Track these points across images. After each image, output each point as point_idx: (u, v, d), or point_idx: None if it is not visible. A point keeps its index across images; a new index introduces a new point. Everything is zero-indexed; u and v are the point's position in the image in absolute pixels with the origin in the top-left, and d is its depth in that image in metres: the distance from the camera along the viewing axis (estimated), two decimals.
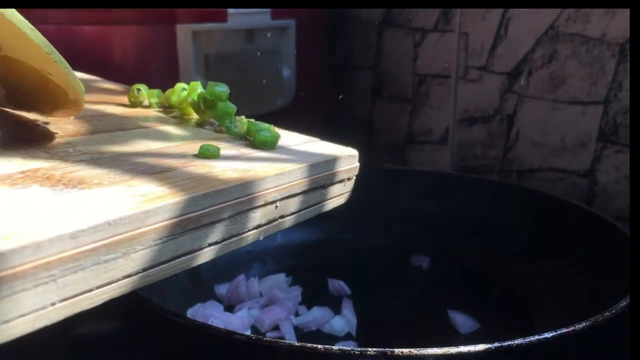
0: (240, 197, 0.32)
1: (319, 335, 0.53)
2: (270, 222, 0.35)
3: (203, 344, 0.36)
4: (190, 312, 0.53)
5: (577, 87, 0.70)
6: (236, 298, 0.57)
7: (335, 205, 0.41)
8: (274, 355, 0.34)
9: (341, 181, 0.41)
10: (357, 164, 0.42)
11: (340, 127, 0.94)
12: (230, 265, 0.61)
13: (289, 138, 0.43)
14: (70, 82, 0.32)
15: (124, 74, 0.63)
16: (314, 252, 0.66)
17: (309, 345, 0.33)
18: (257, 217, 0.34)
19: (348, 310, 0.55)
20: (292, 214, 0.37)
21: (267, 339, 0.35)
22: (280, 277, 0.60)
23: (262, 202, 0.34)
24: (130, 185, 0.29)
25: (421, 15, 0.82)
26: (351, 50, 0.92)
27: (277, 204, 0.35)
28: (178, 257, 0.29)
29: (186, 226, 0.29)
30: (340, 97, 0.92)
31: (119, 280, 0.26)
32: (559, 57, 0.71)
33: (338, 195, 0.41)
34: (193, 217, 0.29)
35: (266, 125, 0.42)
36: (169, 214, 0.28)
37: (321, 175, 0.38)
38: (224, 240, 0.32)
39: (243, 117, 0.44)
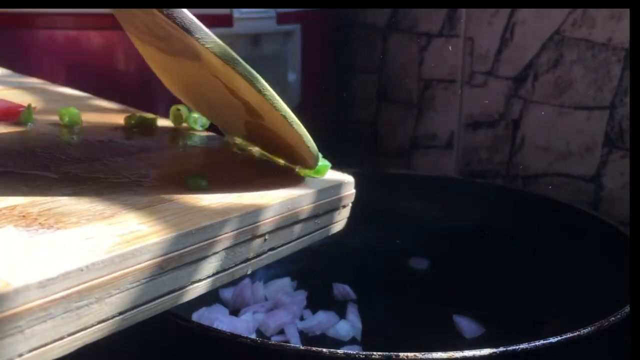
0: (225, 232, 0.30)
1: (324, 339, 0.53)
2: (258, 255, 0.33)
3: (208, 348, 0.36)
4: (196, 316, 0.53)
5: (583, 92, 0.70)
6: (241, 302, 0.57)
7: (330, 234, 0.40)
8: (279, 359, 0.34)
9: (336, 209, 0.39)
10: (353, 191, 0.40)
11: (346, 131, 0.95)
12: None
13: (279, 162, 0.42)
14: (311, 156, 0.36)
15: (128, 79, 0.63)
16: (318, 256, 0.66)
17: (314, 349, 0.33)
18: (245, 251, 0.32)
19: (353, 314, 0.55)
20: (283, 245, 0.35)
21: (273, 342, 0.35)
22: (286, 281, 0.60)
23: (250, 236, 0.32)
24: (110, 223, 0.27)
25: (426, 19, 0.83)
26: (356, 55, 0.92)
27: (267, 237, 0.33)
28: (157, 297, 0.27)
29: (166, 266, 0.27)
30: (344, 94, 0.92)
31: (93, 325, 0.24)
32: (565, 62, 0.71)
33: (333, 224, 0.40)
34: (174, 256, 0.27)
35: None
36: (148, 255, 0.26)
37: (314, 204, 0.37)
38: (208, 277, 0.30)
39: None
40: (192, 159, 0.41)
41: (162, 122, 0.48)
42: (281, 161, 0.41)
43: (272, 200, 0.33)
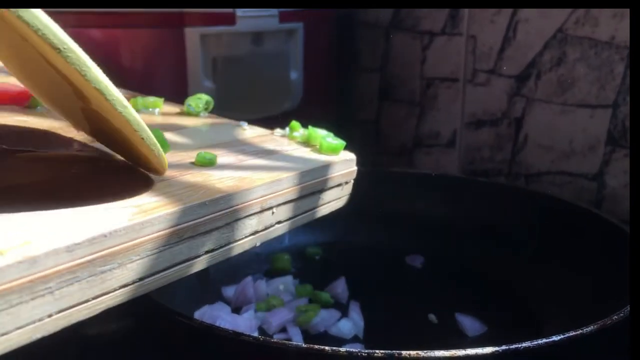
0: (236, 204, 0.32)
1: (326, 337, 0.53)
2: (266, 228, 0.35)
3: (210, 345, 0.36)
4: (198, 314, 0.53)
5: (586, 91, 0.70)
6: (243, 300, 0.57)
7: (333, 209, 0.42)
8: (281, 357, 0.34)
9: (338, 185, 0.41)
10: (355, 168, 0.42)
11: (348, 130, 0.94)
12: (238, 267, 0.61)
13: (285, 143, 0.43)
14: (155, 156, 0.29)
15: (132, 77, 0.63)
16: (321, 254, 0.66)
17: (316, 347, 0.33)
18: (254, 223, 0.34)
19: (355, 312, 0.55)
20: (289, 219, 0.37)
21: (275, 340, 0.35)
22: (288, 279, 0.60)
23: (259, 209, 0.34)
24: (127, 196, 0.29)
25: (429, 18, 0.82)
26: (359, 54, 0.92)
27: (274, 210, 0.35)
28: (174, 265, 0.29)
29: (183, 235, 0.29)
30: (346, 93, 0.92)
31: (115, 290, 0.26)
32: (568, 61, 0.71)
33: (335, 200, 0.41)
34: (189, 226, 0.29)
35: (325, 132, 0.43)
36: (165, 224, 0.28)
37: (317, 180, 0.38)
38: (220, 247, 0.32)
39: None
40: (197, 139, 0.42)
41: (166, 108, 0.49)
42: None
43: (280, 175, 0.35)
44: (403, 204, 0.69)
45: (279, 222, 0.36)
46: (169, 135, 0.42)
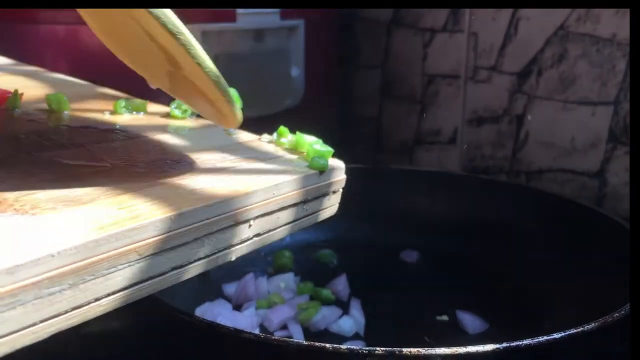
0: (207, 218, 0.29)
1: (327, 335, 0.53)
2: (242, 242, 0.33)
3: (211, 343, 0.36)
4: (199, 311, 0.53)
5: (587, 88, 0.70)
6: (244, 297, 0.57)
7: (321, 219, 0.39)
8: (282, 355, 0.34)
9: (324, 195, 0.38)
10: (344, 177, 0.40)
11: (349, 127, 0.94)
12: (239, 264, 0.61)
13: (269, 148, 0.41)
14: (231, 113, 0.33)
15: (133, 74, 0.63)
16: (322, 251, 0.66)
17: (317, 344, 0.33)
18: (228, 237, 0.31)
19: (356, 310, 0.55)
20: (270, 231, 0.35)
21: (276, 338, 0.35)
22: (289, 276, 0.60)
23: (233, 222, 0.31)
24: (87, 209, 0.27)
25: (430, 15, 0.82)
26: (360, 50, 0.92)
27: (251, 223, 0.33)
28: (136, 284, 0.27)
29: (143, 253, 0.27)
30: (347, 90, 0.92)
31: (67, 312, 0.24)
32: (569, 57, 0.70)
33: (322, 210, 0.39)
34: (152, 243, 0.27)
35: (315, 139, 0.40)
36: (124, 241, 0.26)
37: (300, 190, 0.36)
38: (189, 263, 0.29)
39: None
40: (178, 144, 0.39)
41: (152, 108, 0.48)
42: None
43: (257, 186, 0.33)
44: (405, 202, 0.69)
45: (257, 235, 0.34)
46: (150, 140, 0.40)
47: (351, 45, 0.92)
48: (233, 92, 0.33)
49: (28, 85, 0.48)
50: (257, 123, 0.48)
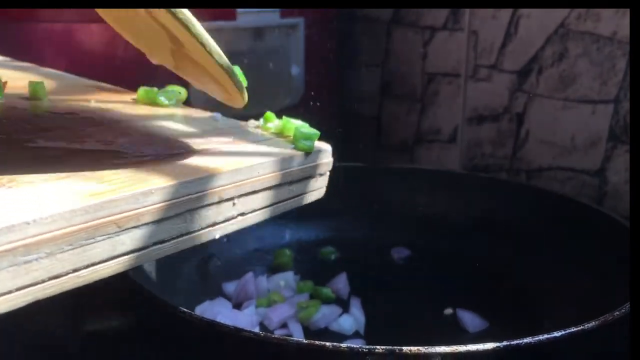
0: (187, 194, 0.30)
1: (327, 333, 0.53)
2: (227, 219, 0.33)
3: (211, 341, 0.36)
4: (199, 310, 0.53)
5: (588, 86, 0.69)
6: (244, 295, 0.57)
7: (308, 202, 0.39)
8: (282, 353, 0.34)
9: (310, 177, 0.38)
10: (331, 159, 0.40)
11: (349, 125, 0.94)
12: (239, 262, 0.61)
13: (257, 133, 0.41)
14: (235, 90, 0.33)
15: (133, 71, 0.63)
16: (322, 250, 0.66)
17: (317, 342, 0.33)
18: (211, 215, 0.31)
19: (356, 308, 0.55)
20: (255, 211, 0.35)
21: (276, 336, 0.35)
22: (289, 275, 0.60)
23: (216, 200, 0.31)
24: (66, 183, 0.27)
25: (430, 13, 0.82)
26: (360, 49, 0.92)
27: (235, 202, 0.33)
28: (117, 256, 0.27)
29: (123, 225, 0.26)
30: (347, 88, 0.92)
31: (44, 281, 0.24)
32: (570, 56, 0.70)
33: (309, 192, 0.39)
34: (132, 215, 0.27)
35: (300, 123, 0.40)
36: (103, 212, 0.25)
37: (285, 172, 0.36)
38: (172, 238, 0.29)
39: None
40: (162, 128, 0.39)
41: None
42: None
43: (240, 165, 0.33)
44: (405, 200, 0.69)
45: (241, 215, 0.34)
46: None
47: (351, 44, 0.92)
48: (237, 70, 0.33)
49: (15, 77, 0.48)
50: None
